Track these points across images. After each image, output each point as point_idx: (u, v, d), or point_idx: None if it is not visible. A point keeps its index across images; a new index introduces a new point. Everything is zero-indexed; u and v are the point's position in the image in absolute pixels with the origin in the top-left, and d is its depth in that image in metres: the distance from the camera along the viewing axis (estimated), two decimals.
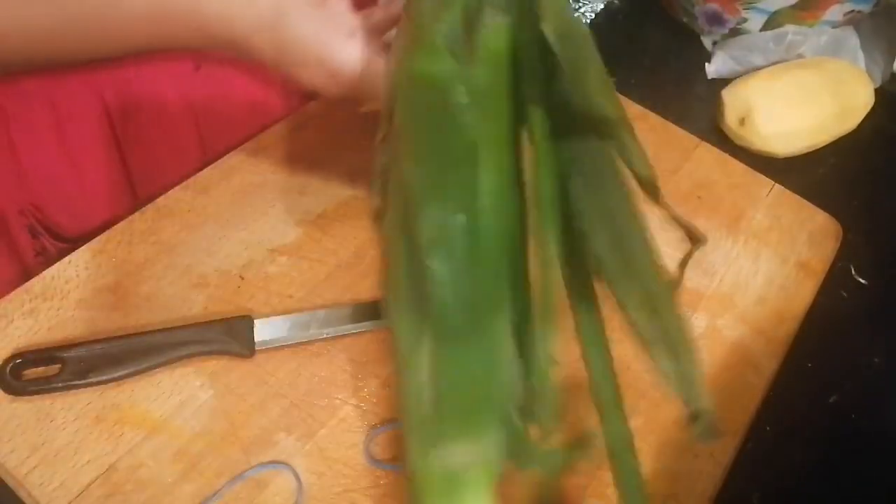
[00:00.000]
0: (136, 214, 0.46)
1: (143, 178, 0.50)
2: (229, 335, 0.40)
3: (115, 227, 0.45)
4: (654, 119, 0.58)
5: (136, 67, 0.48)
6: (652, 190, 0.32)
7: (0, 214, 0.48)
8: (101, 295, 0.42)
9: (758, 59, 0.64)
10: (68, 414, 0.37)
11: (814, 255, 0.50)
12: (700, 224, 0.50)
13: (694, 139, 0.55)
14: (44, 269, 0.43)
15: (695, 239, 0.47)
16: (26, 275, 0.44)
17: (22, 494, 0.35)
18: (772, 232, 0.51)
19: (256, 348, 0.40)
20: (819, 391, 0.43)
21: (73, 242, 0.47)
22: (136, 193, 0.51)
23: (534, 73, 0.34)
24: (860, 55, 0.65)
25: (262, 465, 0.36)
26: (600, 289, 0.31)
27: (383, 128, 0.36)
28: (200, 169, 0.50)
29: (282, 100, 0.55)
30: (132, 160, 0.51)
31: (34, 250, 0.50)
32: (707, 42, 0.69)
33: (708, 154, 0.55)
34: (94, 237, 0.45)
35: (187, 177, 0.49)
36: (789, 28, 0.63)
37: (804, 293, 0.48)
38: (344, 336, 0.42)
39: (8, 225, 0.48)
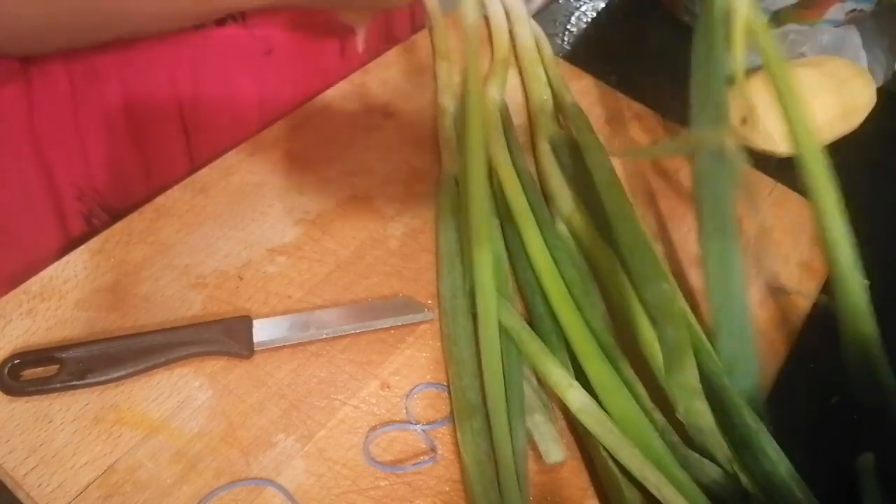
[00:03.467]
0: (135, 214, 0.46)
1: (206, 162, 0.50)
2: (228, 336, 0.40)
3: (114, 227, 0.45)
4: (654, 119, 0.58)
5: (211, 52, 0.48)
6: None
7: (57, 199, 0.47)
8: (99, 295, 0.42)
9: (759, 59, 0.63)
10: (67, 414, 0.37)
11: (816, 255, 0.49)
12: None
13: None
14: None
15: None
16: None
17: (20, 495, 0.35)
18: (774, 232, 0.51)
19: (255, 349, 0.40)
20: (821, 392, 0.43)
21: None
22: None
23: None
24: (862, 54, 0.65)
25: (248, 481, 0.36)
26: None
27: None
28: None
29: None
30: (197, 147, 0.51)
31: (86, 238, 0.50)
32: None
33: None
34: None
35: None
36: (791, 27, 0.63)
37: (806, 293, 0.47)
38: (343, 336, 0.42)
39: (65, 211, 0.48)
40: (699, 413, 0.36)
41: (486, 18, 0.61)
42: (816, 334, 0.45)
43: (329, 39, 0.55)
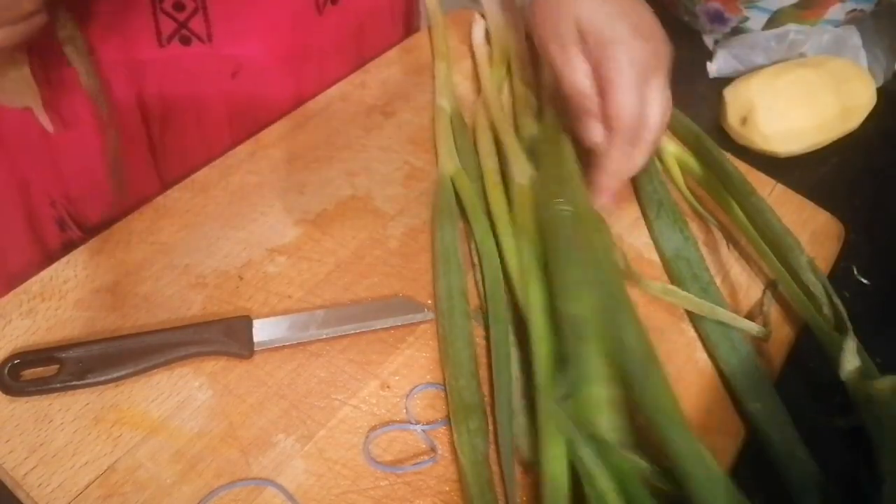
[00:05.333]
0: (135, 214, 0.46)
1: (175, 177, 0.50)
2: (228, 335, 0.40)
3: (114, 226, 0.45)
4: None
5: (176, 69, 0.48)
6: None
7: (29, 206, 0.48)
8: (99, 295, 0.42)
9: (760, 58, 0.64)
10: (67, 414, 0.37)
11: (816, 255, 0.49)
12: (701, 223, 0.50)
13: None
14: None
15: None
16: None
17: (20, 495, 0.35)
18: None
19: (255, 349, 0.40)
20: (821, 391, 0.43)
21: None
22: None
23: None
24: (862, 54, 0.65)
25: (248, 480, 0.36)
26: None
27: None
28: None
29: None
30: (164, 160, 0.51)
31: (61, 243, 0.50)
32: (708, 41, 0.69)
33: None
34: None
35: None
36: (791, 27, 0.63)
37: None
38: (343, 336, 0.42)
39: (38, 216, 0.48)
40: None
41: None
42: (815, 336, 0.44)
43: (304, 61, 0.54)
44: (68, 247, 0.49)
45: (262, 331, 0.40)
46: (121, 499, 0.35)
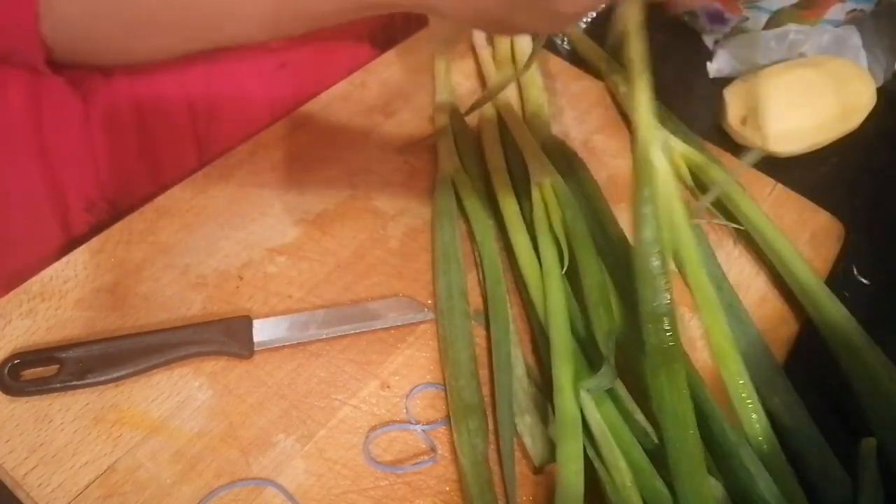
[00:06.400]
0: (135, 214, 0.46)
1: None
2: (228, 335, 0.40)
3: (114, 227, 0.45)
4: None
5: (224, 65, 0.48)
6: None
7: (63, 208, 0.47)
8: (99, 295, 0.42)
9: (760, 58, 0.64)
10: (67, 414, 0.37)
11: (816, 255, 0.49)
12: (702, 224, 0.50)
13: (695, 138, 0.55)
14: None
15: None
16: None
17: (20, 495, 0.35)
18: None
19: (255, 349, 0.40)
20: (822, 392, 0.43)
21: None
22: None
23: None
24: (862, 54, 0.65)
25: (248, 480, 0.36)
26: None
27: None
28: None
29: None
30: (208, 153, 0.51)
31: None
32: (708, 41, 0.68)
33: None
34: None
35: None
36: (791, 27, 0.63)
37: None
38: (343, 336, 0.42)
39: (70, 222, 0.48)
40: None
41: None
42: (817, 334, 0.44)
43: (341, 53, 0.55)
44: None
45: (262, 331, 0.40)
46: (121, 499, 0.35)
